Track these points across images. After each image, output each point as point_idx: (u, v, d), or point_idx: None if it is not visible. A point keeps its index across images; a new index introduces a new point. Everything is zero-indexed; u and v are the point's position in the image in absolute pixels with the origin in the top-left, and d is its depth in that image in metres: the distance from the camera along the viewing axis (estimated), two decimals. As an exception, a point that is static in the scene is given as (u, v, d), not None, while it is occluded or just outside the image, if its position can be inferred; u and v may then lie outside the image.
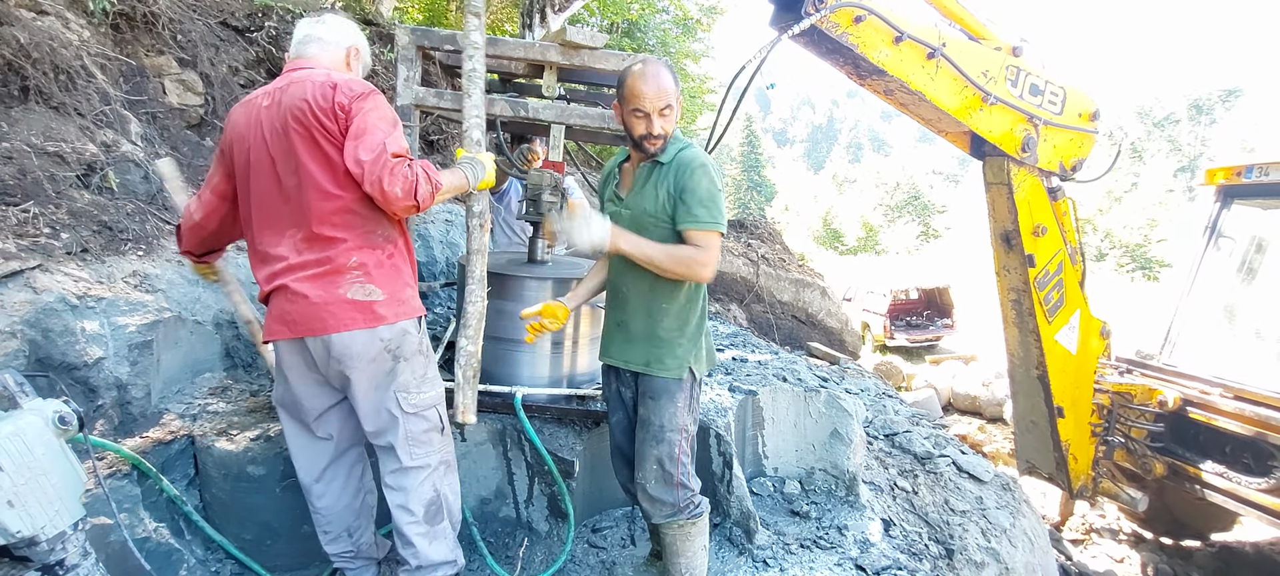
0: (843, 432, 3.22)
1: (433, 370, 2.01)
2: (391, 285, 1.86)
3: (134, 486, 2.18)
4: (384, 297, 1.84)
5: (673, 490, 2.10)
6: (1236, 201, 5.57)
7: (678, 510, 2.12)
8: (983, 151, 4.14)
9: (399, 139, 1.78)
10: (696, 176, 1.94)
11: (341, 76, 1.84)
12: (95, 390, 2.28)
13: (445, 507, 2.02)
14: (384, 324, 1.83)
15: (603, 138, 3.50)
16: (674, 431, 2.07)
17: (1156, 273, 27.44)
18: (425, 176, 1.75)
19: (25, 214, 2.40)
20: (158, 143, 3.24)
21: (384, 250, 1.88)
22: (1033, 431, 5.14)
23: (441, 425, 2.01)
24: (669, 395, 2.07)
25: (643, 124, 1.95)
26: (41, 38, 2.77)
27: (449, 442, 2.07)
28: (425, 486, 1.96)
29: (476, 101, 2.17)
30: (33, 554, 1.51)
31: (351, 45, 2.07)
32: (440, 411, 2.01)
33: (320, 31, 2.01)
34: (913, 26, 3.34)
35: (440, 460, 2.01)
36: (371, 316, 1.81)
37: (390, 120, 1.80)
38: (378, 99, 1.81)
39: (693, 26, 10.63)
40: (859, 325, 15.20)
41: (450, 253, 4.76)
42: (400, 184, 1.70)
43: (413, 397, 1.93)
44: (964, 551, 3.06)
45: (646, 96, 1.91)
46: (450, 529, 2.05)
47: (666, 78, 1.94)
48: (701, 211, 1.94)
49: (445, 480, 2.03)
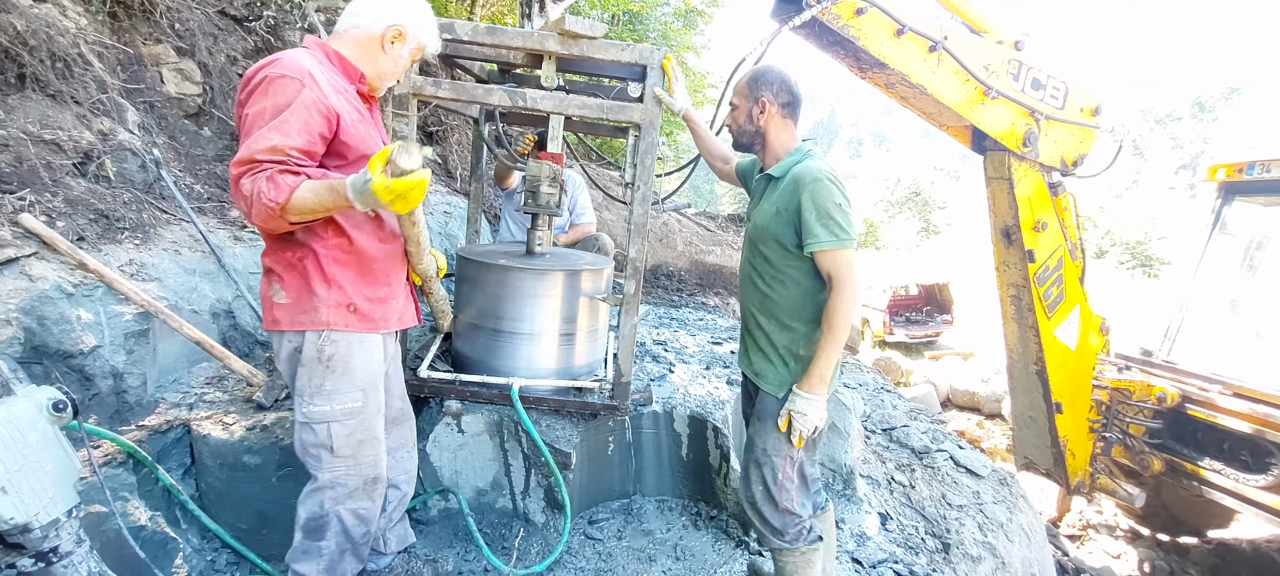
0: (840, 427, 3.22)
1: (334, 385, 1.79)
2: (296, 290, 1.75)
3: (130, 475, 2.18)
4: (287, 302, 1.75)
5: (781, 516, 2.04)
6: (1238, 198, 5.56)
7: (784, 537, 2.05)
8: (984, 146, 4.13)
9: (268, 137, 1.54)
10: (811, 191, 1.86)
11: (291, 60, 1.62)
12: (91, 378, 2.28)
13: (333, 531, 1.86)
14: (278, 329, 1.77)
15: (602, 129, 3.49)
16: (777, 455, 2.01)
17: (1157, 270, 27.40)
18: (270, 185, 1.52)
19: (22, 201, 2.39)
20: (155, 132, 3.22)
21: (294, 252, 1.74)
22: (1031, 427, 5.14)
23: (330, 446, 1.80)
24: (773, 417, 2.01)
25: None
26: (39, 25, 2.75)
27: (351, 466, 1.85)
28: (311, 500, 1.85)
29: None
30: (26, 541, 1.51)
31: (391, 24, 1.81)
32: (334, 432, 1.80)
33: (352, 6, 1.83)
34: (914, 19, 3.32)
35: (331, 479, 1.83)
36: (272, 320, 1.77)
37: (269, 111, 1.57)
38: (268, 86, 1.58)
39: (694, 18, 10.58)
40: (858, 320, 15.20)
41: (449, 244, 4.75)
42: (242, 201, 1.56)
43: (304, 406, 1.79)
44: (961, 545, 3.06)
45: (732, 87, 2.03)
46: (337, 556, 1.88)
47: (740, 76, 2.12)
48: (821, 230, 1.84)
49: (343, 504, 1.86)
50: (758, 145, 2.10)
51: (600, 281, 2.80)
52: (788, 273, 1.98)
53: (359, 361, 1.83)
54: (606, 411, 2.66)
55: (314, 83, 1.62)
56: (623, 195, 5.45)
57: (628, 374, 2.60)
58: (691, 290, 7.13)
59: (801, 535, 2.06)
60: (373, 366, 1.87)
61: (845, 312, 1.83)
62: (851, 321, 1.85)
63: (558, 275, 2.63)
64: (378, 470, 1.91)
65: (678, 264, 7.60)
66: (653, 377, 3.23)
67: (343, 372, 1.80)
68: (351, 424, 1.83)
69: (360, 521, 1.91)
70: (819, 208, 1.84)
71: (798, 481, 2.03)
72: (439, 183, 5.54)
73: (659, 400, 2.93)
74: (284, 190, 1.53)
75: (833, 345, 1.87)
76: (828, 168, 1.90)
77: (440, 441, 2.60)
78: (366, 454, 1.88)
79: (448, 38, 2.33)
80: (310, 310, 1.75)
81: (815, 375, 1.90)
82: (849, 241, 1.84)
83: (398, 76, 1.93)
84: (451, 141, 6.11)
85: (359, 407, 1.84)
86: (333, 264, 1.76)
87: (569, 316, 2.69)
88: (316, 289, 1.75)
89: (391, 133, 2.38)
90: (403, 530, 2.27)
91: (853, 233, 1.84)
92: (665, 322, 4.85)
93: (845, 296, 1.84)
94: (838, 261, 1.84)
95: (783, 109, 2.05)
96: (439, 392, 2.62)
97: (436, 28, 1.95)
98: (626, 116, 2.40)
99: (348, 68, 1.80)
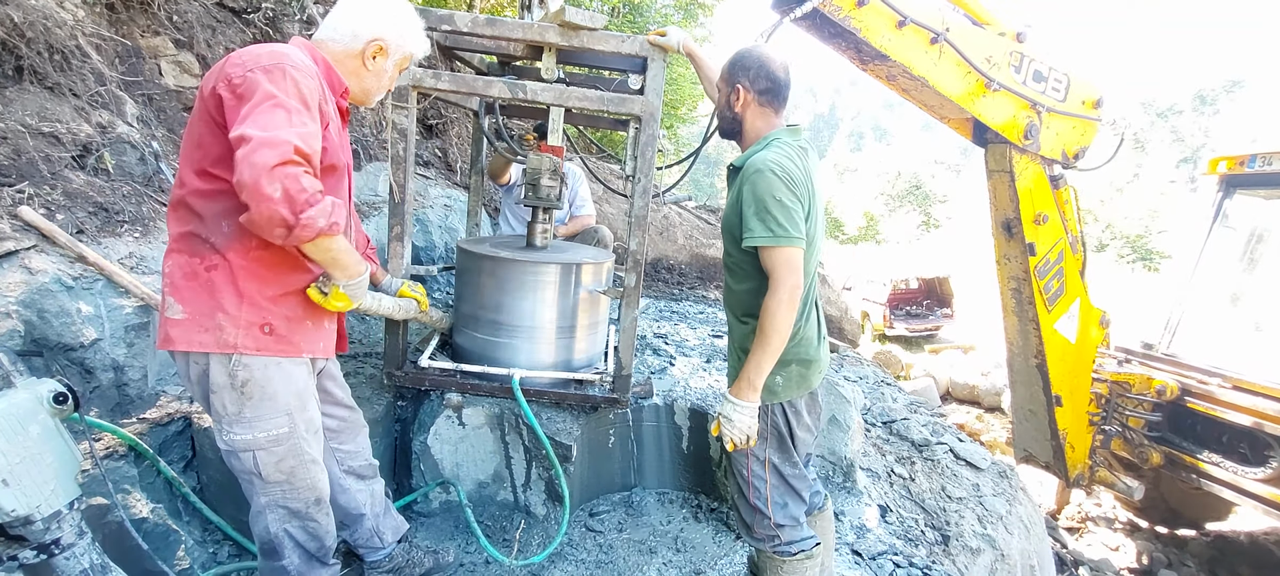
0: (840, 419, 3.22)
1: (254, 411, 1.61)
2: (196, 305, 1.54)
3: (131, 467, 2.18)
4: (184, 318, 1.54)
5: (751, 513, 1.97)
6: (1239, 191, 5.56)
7: (753, 535, 1.99)
8: (985, 139, 4.12)
9: (297, 126, 1.45)
10: (752, 183, 1.77)
11: (299, 55, 1.55)
12: (92, 371, 2.28)
13: (289, 548, 1.79)
14: (173, 349, 1.57)
15: (603, 121, 3.48)
16: (741, 455, 1.93)
17: (1157, 264, 27.41)
18: (322, 204, 1.45)
19: (21, 194, 2.38)
20: (154, 124, 3.21)
21: (201, 259, 1.54)
22: (1030, 420, 5.15)
23: (259, 473, 1.67)
24: None
25: None
26: (36, 17, 2.74)
27: (287, 490, 1.73)
28: (258, 523, 1.77)
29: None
30: (28, 533, 1.51)
31: (371, 39, 1.70)
32: (260, 460, 1.65)
33: (333, 15, 1.73)
34: (916, 10, 3.30)
35: (268, 502, 1.73)
36: (164, 337, 1.57)
37: (295, 98, 1.48)
38: (283, 72, 1.49)
39: (695, 10, 10.54)
40: (858, 314, 15.20)
41: (449, 238, 4.75)
42: (266, 188, 1.36)
43: (224, 433, 1.63)
44: (960, 537, 3.08)
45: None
46: (303, 567, 1.83)
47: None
48: (757, 224, 1.74)
49: (289, 523, 1.78)
50: (738, 134, 2.01)
51: (601, 274, 2.80)
52: (743, 266, 1.91)
53: (279, 386, 1.63)
54: (607, 404, 2.66)
55: (320, 83, 1.59)
56: (623, 188, 5.44)
57: (628, 367, 2.60)
58: (692, 283, 7.13)
59: (771, 539, 1.97)
60: (297, 387, 1.68)
61: (777, 314, 1.71)
62: (787, 324, 1.72)
63: (558, 268, 2.63)
64: (318, 491, 1.79)
65: (678, 257, 7.60)
66: (653, 370, 3.23)
67: (262, 398, 1.61)
68: (279, 450, 1.67)
69: (312, 537, 1.83)
70: (757, 200, 1.73)
71: (771, 480, 1.94)
72: (439, 175, 5.53)
73: (659, 393, 2.93)
74: (338, 222, 1.49)
75: (761, 348, 1.74)
76: (779, 157, 1.77)
77: (441, 434, 2.60)
78: (301, 477, 1.73)
79: (448, 29, 2.32)
80: (212, 329, 1.54)
81: (743, 379, 1.79)
82: (787, 239, 1.71)
83: (385, 90, 1.84)
84: (451, 133, 6.09)
85: (286, 433, 1.66)
86: (248, 278, 1.56)
87: (569, 309, 2.69)
88: (224, 304, 1.54)
89: (391, 126, 2.37)
90: (394, 520, 2.22)
91: (794, 229, 1.72)
92: (666, 316, 4.85)
93: (777, 297, 1.72)
94: (774, 260, 1.74)
95: (760, 95, 1.92)
96: (439, 385, 2.62)
97: (422, 31, 1.83)
98: (627, 109, 2.39)
99: (333, 79, 1.70)
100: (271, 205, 1.36)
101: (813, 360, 1.93)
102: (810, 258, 1.86)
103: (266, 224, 1.40)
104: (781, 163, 1.76)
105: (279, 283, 1.61)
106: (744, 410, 1.81)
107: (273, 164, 1.35)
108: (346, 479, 2.05)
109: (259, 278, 1.58)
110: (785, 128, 1.94)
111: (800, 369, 1.91)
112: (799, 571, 1.98)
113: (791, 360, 1.89)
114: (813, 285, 1.94)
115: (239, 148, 1.37)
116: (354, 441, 2.07)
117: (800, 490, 1.98)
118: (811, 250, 1.85)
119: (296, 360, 1.68)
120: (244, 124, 1.39)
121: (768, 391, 1.88)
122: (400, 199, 2.44)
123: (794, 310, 1.73)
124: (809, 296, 1.92)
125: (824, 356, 2.00)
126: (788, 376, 1.90)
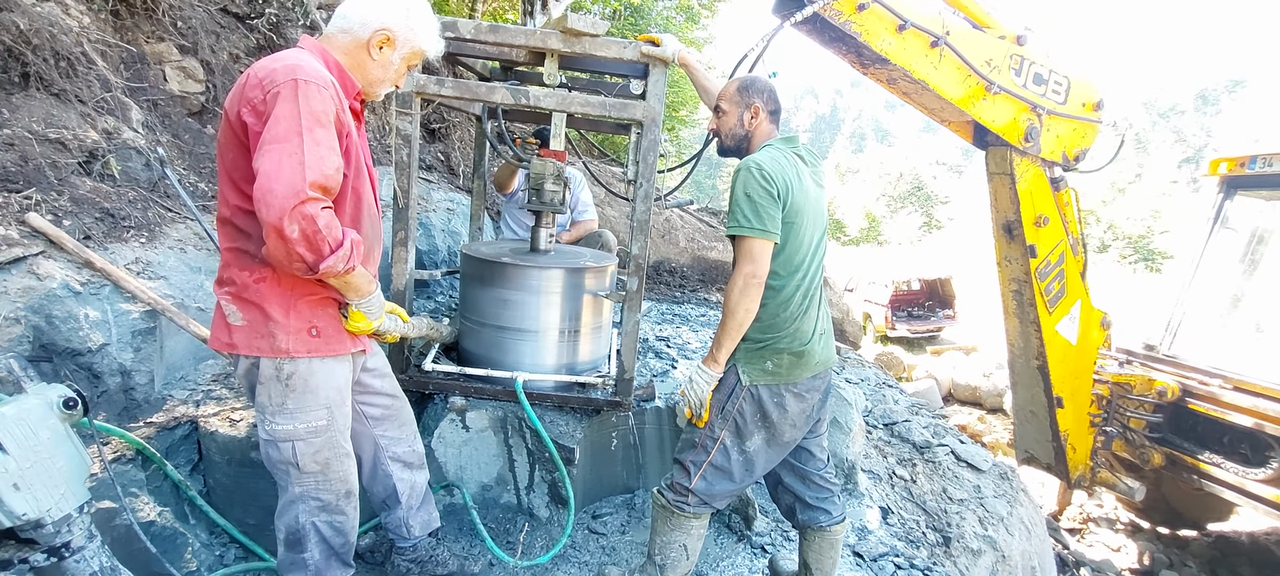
0: (842, 421, 3.23)
1: (297, 403, 1.72)
2: (252, 315, 1.67)
3: (139, 471, 2.20)
4: (243, 325, 1.67)
5: (680, 468, 2.13)
6: (1240, 192, 5.56)
7: (670, 484, 2.16)
8: (986, 141, 4.13)
9: (323, 160, 1.53)
10: (736, 180, 1.96)
11: (311, 65, 1.57)
12: (99, 376, 2.30)
13: (313, 541, 1.86)
14: (234, 353, 1.70)
15: (605, 126, 3.49)
16: (707, 428, 2.08)
17: (1159, 265, 27.38)
18: (348, 244, 1.58)
19: (28, 200, 2.40)
20: (159, 130, 3.24)
21: (253, 271, 1.66)
22: (1032, 421, 5.16)
23: (296, 463, 1.76)
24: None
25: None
26: (42, 24, 2.76)
27: (320, 482, 1.82)
28: (287, 514, 1.84)
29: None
30: (39, 536, 1.53)
31: (377, 28, 1.72)
32: (298, 450, 1.75)
33: (341, 8, 1.75)
34: (916, 14, 3.32)
35: (302, 492, 1.82)
36: (227, 342, 1.70)
37: (308, 120, 1.52)
38: (299, 90, 1.53)
39: (696, 13, 10.57)
40: (860, 315, 15.22)
41: (452, 241, 4.77)
42: (288, 232, 1.46)
43: (267, 423, 1.74)
44: (961, 539, 3.09)
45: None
46: (323, 564, 1.89)
47: (727, 85, 2.21)
48: (734, 213, 1.94)
49: (318, 516, 1.85)
50: (743, 147, 2.19)
51: (603, 278, 2.82)
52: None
53: (322, 380, 1.75)
54: (610, 407, 2.68)
55: (336, 94, 1.59)
56: (625, 192, 5.45)
57: (631, 370, 2.62)
58: (694, 286, 7.14)
59: (681, 495, 2.11)
60: (337, 382, 1.80)
61: (731, 296, 1.93)
62: (743, 308, 1.92)
63: (562, 272, 2.64)
64: (349, 484, 1.88)
65: (680, 260, 7.62)
66: (656, 373, 3.24)
67: (304, 391, 1.73)
68: (317, 442, 1.77)
69: (338, 532, 1.90)
70: (737, 193, 1.93)
71: (715, 456, 2.07)
72: (442, 179, 5.55)
73: (662, 395, 2.95)
74: (355, 263, 1.59)
75: (723, 325, 1.97)
76: (764, 159, 1.96)
77: (445, 437, 2.62)
78: (335, 470, 1.83)
79: (450, 36, 2.33)
80: (266, 336, 1.67)
81: (711, 351, 2.03)
82: (751, 230, 1.89)
83: (392, 83, 1.84)
84: (454, 137, 6.11)
85: (324, 426, 1.77)
86: (291, 286, 1.67)
87: (573, 313, 2.70)
88: (273, 313, 1.66)
89: (395, 132, 2.39)
90: (427, 515, 2.25)
91: (759, 222, 1.89)
92: (668, 319, 4.87)
93: (735, 283, 1.93)
94: (738, 247, 1.94)
95: (770, 116, 2.16)
96: (443, 388, 2.64)
97: (436, 30, 1.83)
98: (629, 114, 2.41)
99: (346, 81, 1.72)
100: (290, 245, 1.46)
101: (804, 353, 2.05)
102: (797, 254, 2.00)
103: (286, 261, 1.51)
104: (764, 163, 1.94)
105: (319, 288, 1.72)
106: (703, 374, 2.03)
107: (290, 206, 1.43)
108: (390, 464, 2.11)
109: (302, 284, 1.69)
110: (781, 137, 2.13)
111: (792, 359, 2.04)
112: (683, 526, 2.15)
113: (784, 349, 2.03)
114: (808, 282, 2.06)
115: (258, 181, 1.44)
116: (398, 428, 2.15)
117: (738, 478, 2.11)
118: (799, 247, 2.00)
119: (340, 358, 1.80)
120: (262, 155, 1.46)
121: (761, 372, 2.03)
122: (404, 204, 2.46)
123: (750, 295, 1.92)
124: (807, 293, 2.05)
125: (822, 352, 2.11)
126: (778, 363, 2.03)
